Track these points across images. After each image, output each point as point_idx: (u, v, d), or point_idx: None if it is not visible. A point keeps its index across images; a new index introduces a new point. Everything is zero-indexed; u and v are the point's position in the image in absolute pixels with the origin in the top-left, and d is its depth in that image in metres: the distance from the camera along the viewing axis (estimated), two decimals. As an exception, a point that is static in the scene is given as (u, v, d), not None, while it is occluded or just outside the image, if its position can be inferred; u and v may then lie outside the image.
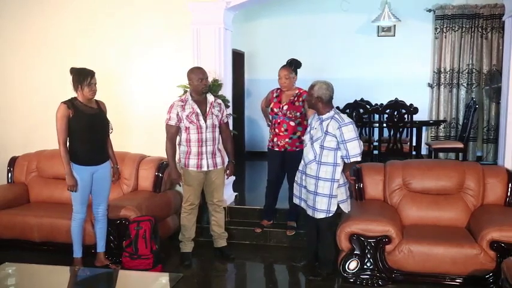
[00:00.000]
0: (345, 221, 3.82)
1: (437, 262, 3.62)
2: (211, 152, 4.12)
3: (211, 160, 4.13)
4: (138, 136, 5.25)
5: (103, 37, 5.31)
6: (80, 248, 4.03)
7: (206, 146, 4.08)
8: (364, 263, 3.75)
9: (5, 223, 4.50)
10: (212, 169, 4.15)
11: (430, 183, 4.21)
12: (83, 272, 3.53)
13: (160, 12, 5.13)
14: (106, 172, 4.04)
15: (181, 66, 4.97)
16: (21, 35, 5.52)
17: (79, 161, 3.85)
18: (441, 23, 7.50)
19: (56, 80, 5.28)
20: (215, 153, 4.16)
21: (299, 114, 4.41)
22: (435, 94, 7.67)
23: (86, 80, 3.79)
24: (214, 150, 4.14)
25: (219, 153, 4.21)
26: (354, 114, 6.03)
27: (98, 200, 4.06)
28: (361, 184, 4.32)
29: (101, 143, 4.01)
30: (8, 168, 5.16)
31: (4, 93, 5.60)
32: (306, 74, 8.00)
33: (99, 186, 4.00)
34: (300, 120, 4.43)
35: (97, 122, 3.94)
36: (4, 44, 5.58)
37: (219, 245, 4.42)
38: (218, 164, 4.18)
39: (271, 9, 7.85)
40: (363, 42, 7.88)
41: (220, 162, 4.21)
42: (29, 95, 5.55)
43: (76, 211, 3.98)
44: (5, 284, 3.05)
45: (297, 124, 4.43)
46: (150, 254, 4.06)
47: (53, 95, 5.39)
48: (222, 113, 4.20)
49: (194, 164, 4.10)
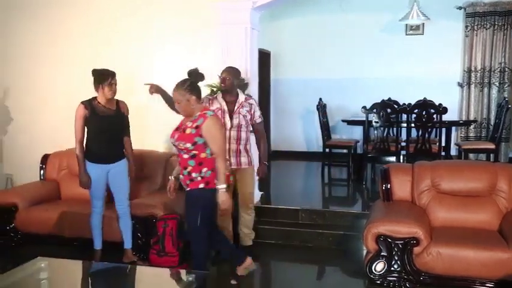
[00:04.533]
0: (372, 222, 3.78)
1: (467, 265, 3.54)
2: (234, 151, 4.12)
3: (234, 159, 4.13)
4: (164, 135, 5.29)
5: (127, 37, 5.40)
6: (98, 240, 4.17)
7: (229, 143, 4.09)
8: (391, 264, 3.70)
9: (37, 219, 4.62)
10: (235, 167, 4.14)
11: (460, 185, 4.11)
12: (109, 267, 3.59)
13: (186, 12, 5.17)
14: (121, 170, 4.10)
15: (208, 66, 4.99)
16: (48, 38, 5.70)
17: (92, 158, 3.97)
18: (472, 20, 7.35)
19: (80, 80, 5.39)
20: (240, 152, 4.14)
21: (190, 146, 3.29)
22: (465, 93, 7.52)
23: (107, 80, 3.90)
24: (239, 149, 4.13)
25: (246, 153, 4.18)
26: (381, 114, 5.95)
27: (117, 197, 4.15)
28: (388, 185, 4.26)
29: (115, 143, 4.09)
30: (41, 166, 5.30)
31: (34, 93, 5.77)
32: (333, 75, 8.05)
33: (116, 184, 4.09)
34: (196, 152, 3.31)
35: (112, 123, 4.01)
36: (33, 46, 5.75)
37: (245, 244, 4.41)
38: (243, 164, 4.16)
39: (298, 9, 7.82)
40: (391, 41, 7.77)
41: (246, 162, 4.18)
42: (57, 95, 5.69)
43: (93, 206, 4.11)
44: (38, 278, 3.13)
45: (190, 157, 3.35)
46: (176, 251, 4.11)
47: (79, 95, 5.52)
48: (252, 113, 4.17)
49: None
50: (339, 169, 7.15)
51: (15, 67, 5.84)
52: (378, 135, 6.05)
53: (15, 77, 5.85)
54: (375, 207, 4.28)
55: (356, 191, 6.41)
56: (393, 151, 6.10)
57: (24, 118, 5.86)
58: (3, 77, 5.87)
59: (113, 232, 4.24)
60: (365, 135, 6.30)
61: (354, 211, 5.18)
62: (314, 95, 7.26)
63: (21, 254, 4.26)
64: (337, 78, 7.99)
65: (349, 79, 7.92)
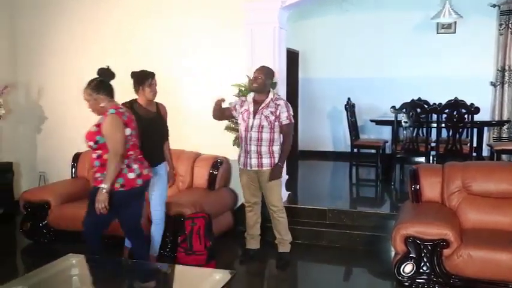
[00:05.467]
0: (401, 223, 3.73)
1: (499, 269, 3.45)
2: (255, 152, 4.06)
3: (255, 160, 4.08)
4: (191, 134, 5.35)
5: (155, 37, 5.48)
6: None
7: (250, 145, 4.06)
8: (420, 266, 3.65)
9: (69, 216, 4.71)
10: (257, 169, 4.10)
11: (492, 186, 4.01)
12: (138, 265, 3.64)
13: (214, 11, 5.21)
14: (161, 174, 4.01)
15: (236, 66, 5.04)
16: (79, 37, 5.85)
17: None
18: (507, 18, 7.16)
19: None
20: (261, 153, 4.06)
21: (93, 144, 3.43)
22: (498, 93, 7.32)
23: (147, 80, 3.86)
24: (260, 150, 4.05)
25: (269, 154, 4.07)
26: (410, 114, 5.86)
27: (153, 202, 4.04)
28: (417, 186, 4.19)
29: (156, 146, 4.01)
30: (72, 164, 5.44)
31: (67, 92, 5.87)
32: (362, 74, 7.97)
33: (153, 188, 3.93)
34: (101, 152, 3.43)
35: (153, 125, 3.94)
36: (65, 45, 5.90)
37: (280, 250, 4.31)
38: (264, 165, 4.08)
39: (326, 8, 7.77)
40: (421, 40, 7.64)
41: (268, 164, 4.08)
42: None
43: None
44: (69, 274, 3.20)
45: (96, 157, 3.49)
46: (204, 250, 4.15)
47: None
48: (278, 114, 4.02)
49: (242, 162, 4.16)
50: (367, 169, 7.08)
51: (49, 66, 6.00)
52: (407, 136, 5.97)
53: (48, 76, 6.01)
54: (403, 208, 4.23)
55: (384, 191, 6.33)
56: (423, 151, 6.00)
57: (57, 117, 6.02)
58: (37, 76, 6.05)
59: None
60: (394, 136, 6.22)
61: (382, 212, 5.12)
62: (342, 94, 7.20)
63: (53, 250, 4.36)
64: (366, 78, 7.91)
65: (378, 78, 7.83)
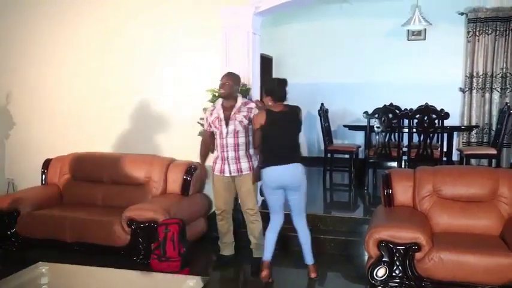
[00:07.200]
0: (374, 228, 3.77)
1: (469, 271, 3.52)
2: (233, 158, 4.07)
3: (234, 166, 4.09)
4: (165, 139, 5.31)
5: (129, 41, 5.41)
6: (268, 252, 4.01)
7: (228, 151, 4.07)
8: (392, 270, 3.68)
9: (39, 223, 4.62)
10: (236, 174, 4.11)
11: (462, 190, 4.10)
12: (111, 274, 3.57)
13: (188, 15, 5.19)
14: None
15: (210, 70, 5.02)
16: (50, 43, 5.71)
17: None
18: (474, 26, 7.35)
19: (84, 84, 5.45)
20: (239, 158, 4.09)
21: None
22: (467, 99, 7.50)
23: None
24: (238, 156, 4.08)
25: (247, 158, 4.12)
26: (383, 119, 5.95)
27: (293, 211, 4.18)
28: (390, 190, 4.25)
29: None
30: (42, 170, 5.30)
31: (36, 98, 5.78)
32: (335, 80, 8.06)
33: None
34: None
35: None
36: (35, 51, 5.77)
37: (254, 255, 4.29)
38: (244, 170, 4.10)
39: (300, 14, 7.84)
40: (393, 47, 7.78)
41: (247, 168, 4.11)
42: (59, 99, 5.70)
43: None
44: (38, 283, 3.13)
45: None
46: (178, 256, 4.10)
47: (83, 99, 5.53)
48: (252, 117, 4.05)
49: (218, 168, 4.15)
50: (340, 174, 7.14)
51: (18, 72, 5.85)
52: (380, 141, 6.05)
53: (17, 81, 5.86)
54: (376, 213, 4.28)
55: (357, 196, 6.39)
56: (395, 156, 6.10)
57: (26, 122, 5.86)
58: (6, 81, 5.88)
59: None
60: (367, 141, 6.30)
61: (356, 216, 5.17)
62: (316, 100, 7.26)
63: (22, 259, 4.25)
64: (339, 83, 7.99)
65: (351, 84, 7.93)
